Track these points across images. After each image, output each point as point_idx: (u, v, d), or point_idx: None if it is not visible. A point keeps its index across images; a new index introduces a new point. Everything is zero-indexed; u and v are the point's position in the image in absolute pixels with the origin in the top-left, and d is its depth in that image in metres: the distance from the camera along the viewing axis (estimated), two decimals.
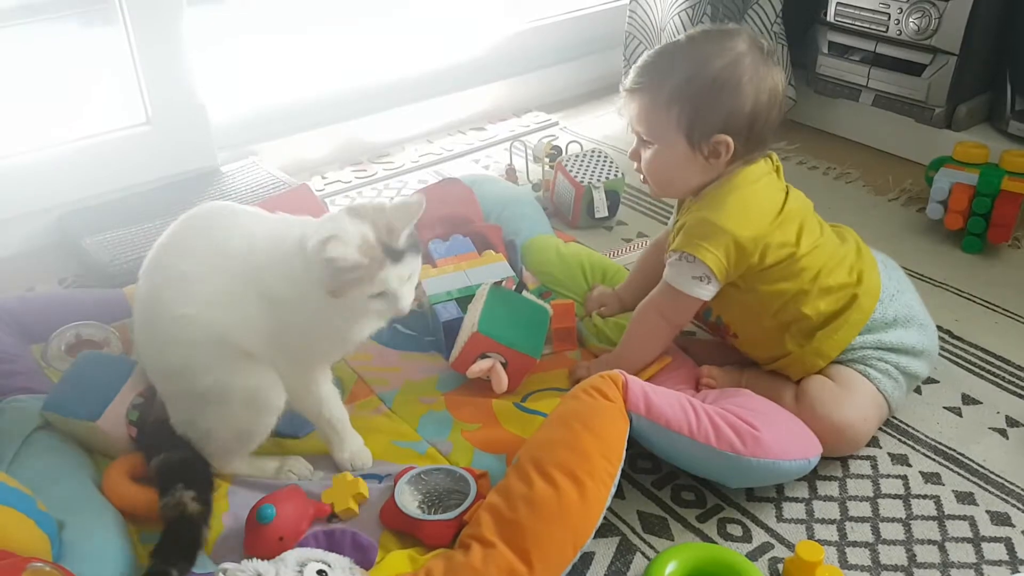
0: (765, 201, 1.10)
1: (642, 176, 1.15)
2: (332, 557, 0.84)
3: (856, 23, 1.79)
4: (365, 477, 1.04)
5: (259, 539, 0.92)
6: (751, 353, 1.18)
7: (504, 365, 1.16)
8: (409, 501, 0.99)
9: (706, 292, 1.09)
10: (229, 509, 1.01)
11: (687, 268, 1.09)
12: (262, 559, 0.84)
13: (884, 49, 1.77)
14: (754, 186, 1.10)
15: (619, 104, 1.16)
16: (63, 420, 1.06)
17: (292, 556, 0.81)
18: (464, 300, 1.26)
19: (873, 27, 1.76)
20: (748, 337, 1.16)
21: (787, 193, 1.13)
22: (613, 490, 0.95)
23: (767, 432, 1.00)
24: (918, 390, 1.21)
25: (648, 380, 1.08)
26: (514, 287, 1.21)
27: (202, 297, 0.97)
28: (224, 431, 1.02)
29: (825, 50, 1.88)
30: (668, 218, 1.67)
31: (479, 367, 1.15)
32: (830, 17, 1.84)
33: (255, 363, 0.99)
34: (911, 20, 1.69)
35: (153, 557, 0.90)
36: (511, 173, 1.81)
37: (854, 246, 1.16)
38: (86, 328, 1.26)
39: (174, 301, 0.97)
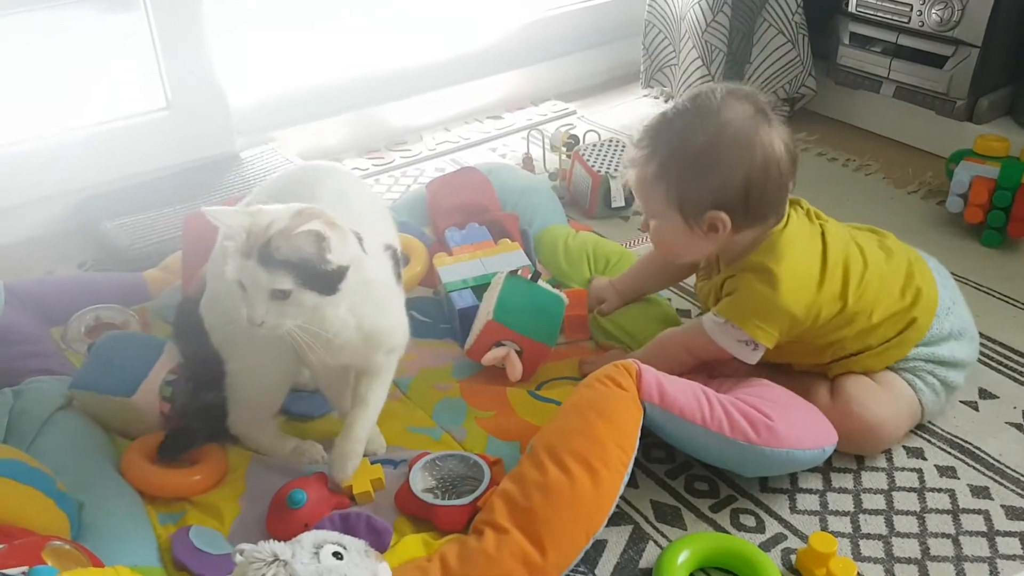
0: (811, 263, 1.06)
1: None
2: (347, 540, 0.84)
3: (878, 14, 1.78)
4: (380, 462, 1.04)
5: (285, 523, 0.94)
6: (797, 364, 1.15)
7: (519, 353, 1.17)
8: (423, 486, 0.99)
9: (751, 357, 1.07)
10: (246, 491, 1.02)
11: (734, 334, 1.06)
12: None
13: (906, 40, 1.75)
14: (796, 248, 1.05)
15: (624, 175, 1.15)
16: (95, 397, 1.07)
17: (308, 538, 0.82)
18: (480, 288, 1.26)
19: (895, 18, 1.75)
20: (792, 360, 1.14)
21: (823, 237, 1.08)
22: (626, 479, 0.95)
23: (781, 421, 1.00)
24: None
25: None
26: (530, 276, 1.21)
27: None
28: (233, 392, 1.05)
29: (846, 41, 1.86)
30: None
31: (494, 355, 1.16)
32: (852, 8, 1.83)
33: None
34: (934, 11, 1.68)
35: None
36: (528, 162, 1.81)
37: (905, 261, 1.12)
38: (106, 311, 1.28)
39: None
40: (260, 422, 1.08)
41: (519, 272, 1.22)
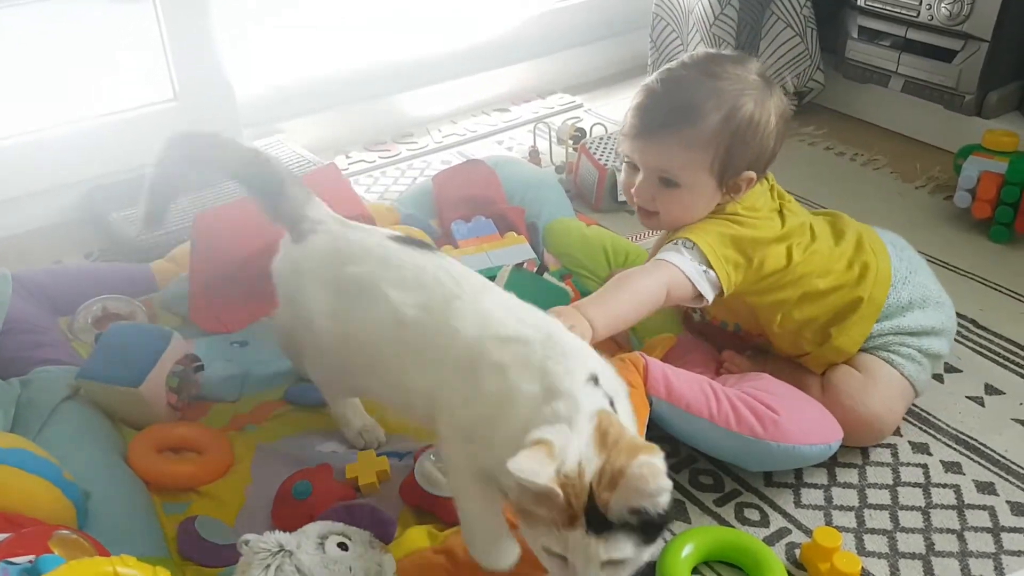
0: (769, 216, 1.09)
1: (636, 206, 1.13)
2: (352, 531, 0.85)
3: (887, 7, 1.77)
4: (386, 454, 1.05)
5: (291, 514, 0.94)
6: (777, 348, 1.16)
7: None
8: (428, 478, 0.99)
9: (706, 290, 1.04)
10: (252, 482, 1.02)
11: (690, 255, 1.05)
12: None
13: (915, 34, 1.74)
14: (758, 201, 1.09)
15: (622, 145, 1.12)
16: (102, 387, 1.07)
17: (313, 529, 0.82)
18: None
19: (904, 12, 1.74)
20: (770, 338, 1.15)
21: (780, 212, 1.10)
22: None
23: (787, 416, 1.00)
24: (940, 379, 1.20)
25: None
26: (535, 269, 1.21)
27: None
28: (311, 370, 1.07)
29: (855, 35, 1.85)
30: None
31: None
32: (861, 1, 1.82)
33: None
34: (943, 5, 1.67)
35: None
36: (534, 155, 1.81)
37: (853, 239, 1.13)
38: (112, 301, 1.28)
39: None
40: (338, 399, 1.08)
41: (524, 265, 1.22)
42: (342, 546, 0.82)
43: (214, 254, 1.19)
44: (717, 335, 1.20)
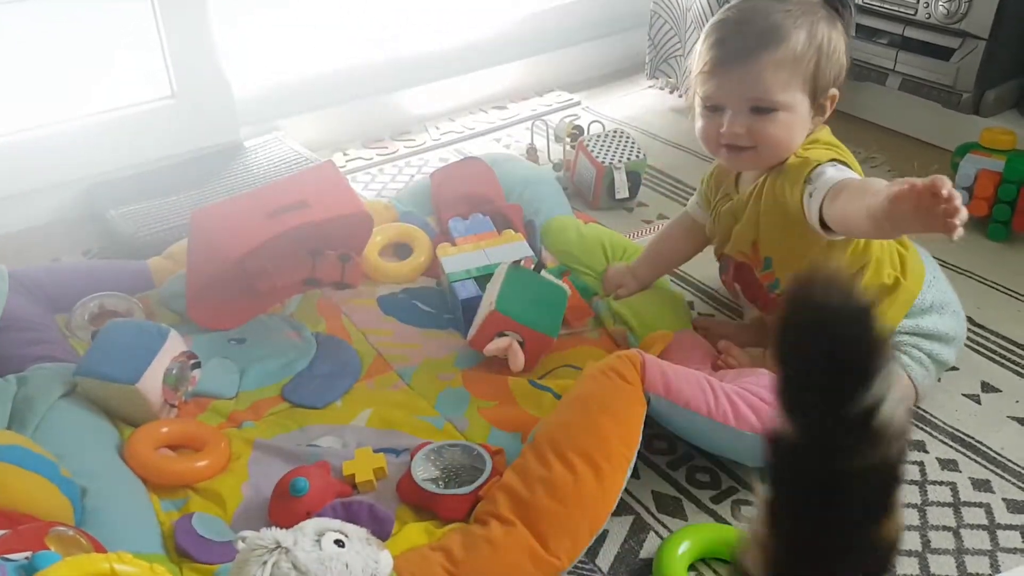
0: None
1: (722, 148, 1.09)
2: (349, 528, 0.85)
3: (884, 5, 1.77)
4: (382, 451, 1.05)
5: (287, 511, 0.94)
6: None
7: (521, 344, 1.17)
8: (425, 475, 1.00)
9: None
10: (249, 479, 1.03)
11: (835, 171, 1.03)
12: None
13: (912, 32, 1.74)
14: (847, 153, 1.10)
15: (701, 87, 1.09)
16: (99, 384, 1.07)
17: (311, 526, 0.82)
18: (483, 279, 1.26)
19: (901, 10, 1.74)
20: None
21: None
22: (629, 473, 0.96)
23: None
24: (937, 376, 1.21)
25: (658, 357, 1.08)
26: (532, 267, 1.21)
27: None
28: None
29: (852, 33, 1.85)
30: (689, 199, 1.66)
31: (496, 346, 1.16)
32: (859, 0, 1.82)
33: None
34: (940, 3, 1.67)
35: None
36: (532, 152, 1.81)
37: None
38: (110, 299, 1.28)
39: None
40: None
41: (522, 263, 1.22)
42: (339, 543, 0.82)
43: (211, 251, 1.19)
44: (756, 294, 1.18)
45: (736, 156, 1.09)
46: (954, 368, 1.22)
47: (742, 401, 1.00)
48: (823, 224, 1.01)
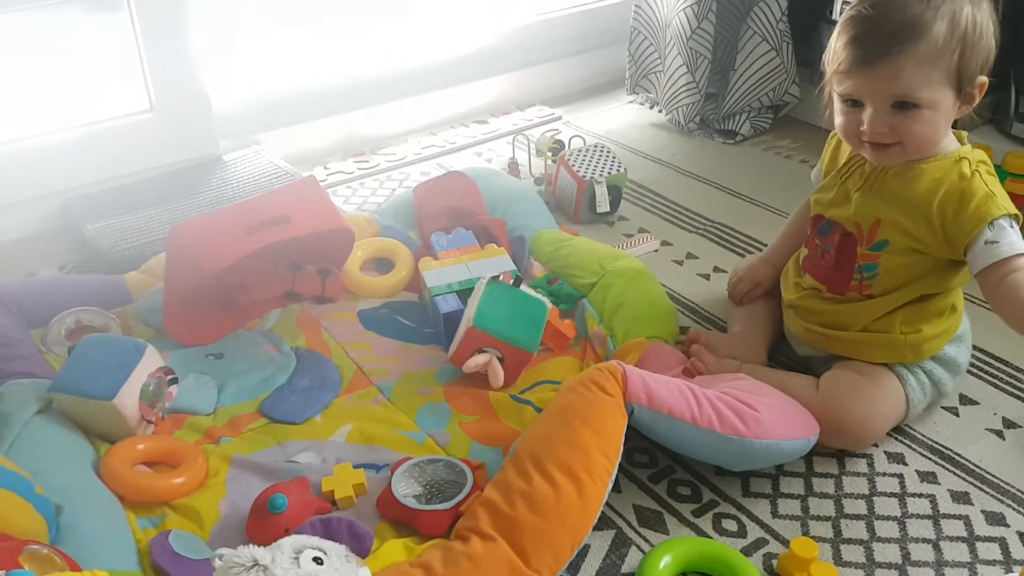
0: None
1: (865, 145, 1.07)
2: (328, 545, 0.84)
3: None
4: (363, 467, 1.04)
5: (266, 527, 0.93)
6: (854, 317, 1.13)
7: (501, 360, 1.16)
8: (405, 491, 0.99)
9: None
10: (227, 496, 1.01)
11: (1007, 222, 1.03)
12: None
13: None
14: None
15: (839, 85, 1.06)
16: (76, 400, 1.06)
17: (288, 543, 0.81)
18: (465, 293, 1.26)
19: None
20: (878, 303, 1.12)
21: None
22: (610, 486, 0.95)
23: (767, 413, 1.01)
24: None
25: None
26: (512, 281, 1.21)
27: None
28: None
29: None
30: (672, 214, 1.67)
31: (475, 362, 1.16)
32: (835, 16, 1.84)
33: None
34: None
35: None
36: (514, 166, 1.81)
37: None
38: (86, 314, 1.27)
39: None
40: None
41: (501, 277, 1.22)
42: (317, 560, 0.81)
43: (189, 266, 1.18)
44: (841, 268, 1.15)
45: (882, 152, 1.06)
46: None
47: (725, 406, 1.00)
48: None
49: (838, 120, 1.10)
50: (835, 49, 1.06)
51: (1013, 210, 1.04)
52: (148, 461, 1.05)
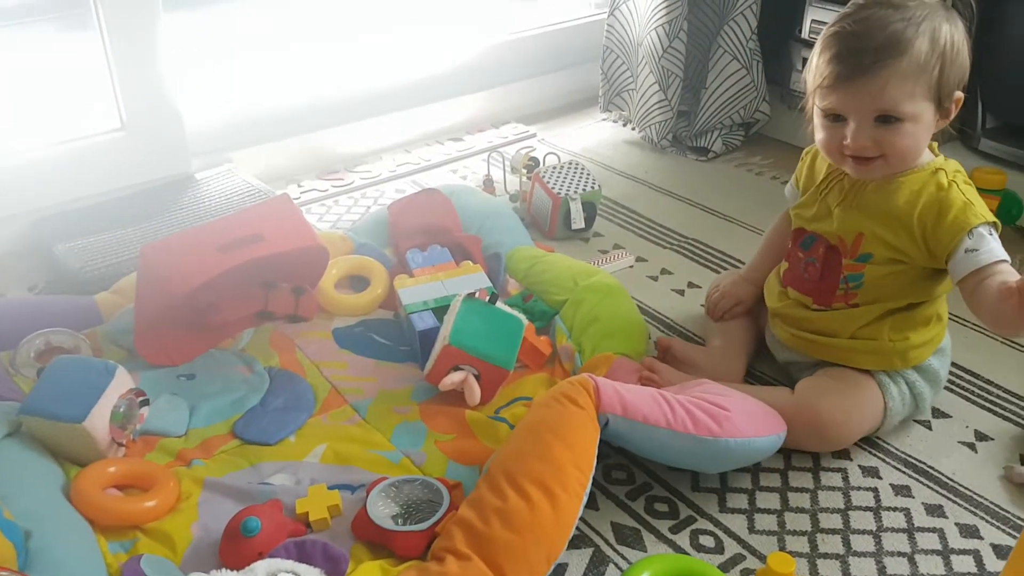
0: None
1: (847, 159, 1.08)
2: (302, 568, 0.83)
3: None
4: (337, 488, 1.03)
5: (239, 551, 0.92)
6: (842, 324, 1.14)
7: (477, 377, 1.16)
8: (381, 512, 0.98)
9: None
10: (199, 520, 1.00)
11: (986, 230, 1.05)
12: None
13: None
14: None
15: (822, 100, 1.07)
16: (45, 423, 1.04)
17: (262, 567, 0.80)
18: (441, 310, 1.26)
19: None
20: (864, 311, 1.13)
21: None
22: (585, 500, 0.95)
23: (737, 412, 1.02)
24: None
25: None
26: (487, 298, 1.21)
27: None
28: None
29: (799, 67, 1.90)
30: (646, 230, 1.68)
31: (451, 380, 1.15)
32: (804, 34, 1.86)
33: None
34: None
35: None
36: (489, 184, 1.82)
37: None
38: (56, 335, 1.25)
39: None
40: None
41: (476, 295, 1.21)
42: None
43: (160, 285, 1.17)
44: (826, 280, 1.15)
45: (864, 166, 1.08)
46: None
47: (697, 408, 1.01)
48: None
49: (820, 135, 1.11)
50: (818, 65, 1.07)
51: (991, 218, 1.05)
52: (119, 484, 1.03)
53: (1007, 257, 1.04)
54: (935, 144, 1.12)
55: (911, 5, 1.03)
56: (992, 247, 1.04)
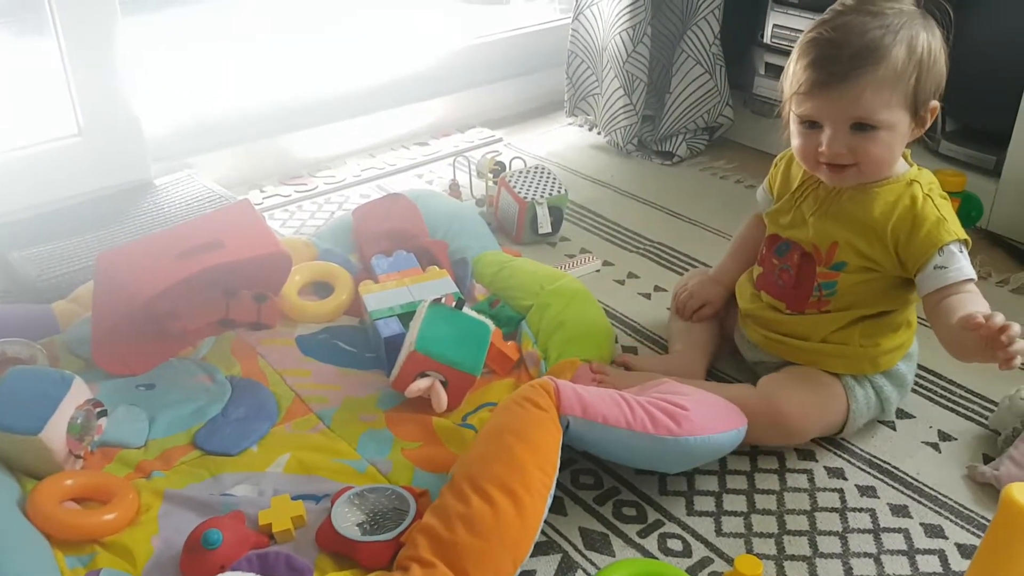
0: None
1: (822, 165, 1.08)
2: None
3: (792, 45, 1.83)
4: (301, 498, 1.01)
5: (200, 564, 0.90)
6: (814, 329, 1.15)
7: (444, 384, 1.15)
8: (346, 522, 0.97)
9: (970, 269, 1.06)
10: (159, 533, 0.98)
11: (956, 247, 1.06)
12: None
13: None
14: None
15: (799, 107, 1.07)
16: (0, 436, 1.01)
17: None
18: (406, 316, 1.24)
19: None
20: (836, 316, 1.14)
21: None
22: (549, 501, 0.94)
23: (696, 410, 1.02)
24: None
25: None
26: (454, 304, 1.20)
27: None
28: None
29: (762, 71, 1.91)
30: (612, 234, 1.68)
31: (418, 386, 1.14)
32: (767, 39, 1.88)
33: None
34: None
35: None
36: (454, 188, 1.81)
37: None
38: (11, 345, 1.22)
39: None
40: None
41: (443, 300, 1.20)
42: None
43: (118, 294, 1.15)
44: (799, 286, 1.16)
45: (838, 174, 1.08)
46: None
47: (656, 409, 1.01)
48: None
49: (796, 142, 1.11)
50: (795, 71, 1.07)
51: (963, 235, 1.07)
52: (77, 497, 1.01)
53: (975, 276, 1.05)
54: (908, 152, 1.13)
55: (889, 13, 1.04)
56: (961, 265, 1.05)
